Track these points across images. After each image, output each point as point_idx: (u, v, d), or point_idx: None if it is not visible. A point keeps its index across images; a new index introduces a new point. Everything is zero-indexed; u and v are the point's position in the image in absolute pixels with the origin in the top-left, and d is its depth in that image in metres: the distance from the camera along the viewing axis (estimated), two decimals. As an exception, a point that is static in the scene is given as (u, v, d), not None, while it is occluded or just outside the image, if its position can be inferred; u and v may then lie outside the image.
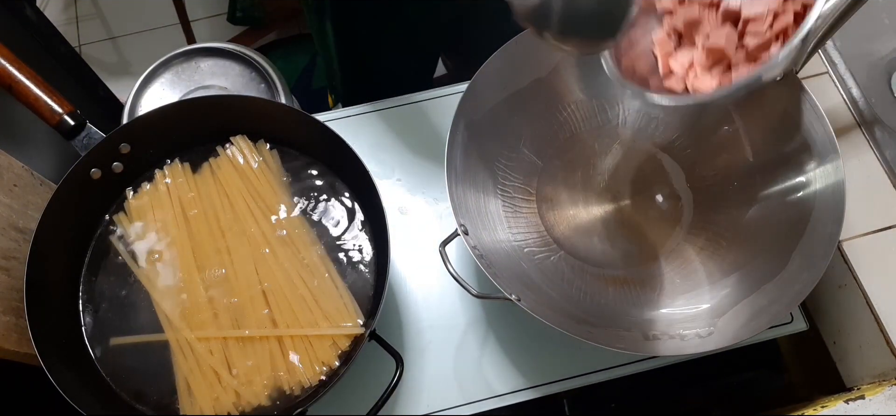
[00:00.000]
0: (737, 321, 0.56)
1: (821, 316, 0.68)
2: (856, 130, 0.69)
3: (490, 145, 0.66)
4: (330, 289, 0.60)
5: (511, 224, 0.65)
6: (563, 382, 0.64)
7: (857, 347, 0.63)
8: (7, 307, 0.57)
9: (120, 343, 0.59)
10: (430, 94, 0.78)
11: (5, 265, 0.59)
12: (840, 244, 0.63)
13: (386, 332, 0.59)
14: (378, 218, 0.59)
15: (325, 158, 0.66)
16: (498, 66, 0.63)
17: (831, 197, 0.56)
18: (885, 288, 0.61)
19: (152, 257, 0.62)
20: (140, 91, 0.82)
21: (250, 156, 0.65)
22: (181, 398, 0.57)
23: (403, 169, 0.74)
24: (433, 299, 0.68)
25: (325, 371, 0.57)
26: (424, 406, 0.63)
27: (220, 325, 0.59)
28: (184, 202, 0.64)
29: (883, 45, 0.74)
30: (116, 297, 0.61)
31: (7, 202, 0.61)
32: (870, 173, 0.67)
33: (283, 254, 0.62)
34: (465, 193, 0.61)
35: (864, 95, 0.70)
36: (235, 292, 0.60)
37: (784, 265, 0.57)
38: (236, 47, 0.85)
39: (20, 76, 0.60)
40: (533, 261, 0.64)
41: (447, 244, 0.56)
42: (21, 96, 0.60)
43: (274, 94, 0.81)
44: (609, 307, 0.62)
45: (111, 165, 0.63)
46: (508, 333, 0.66)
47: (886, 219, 0.64)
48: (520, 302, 0.53)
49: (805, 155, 0.59)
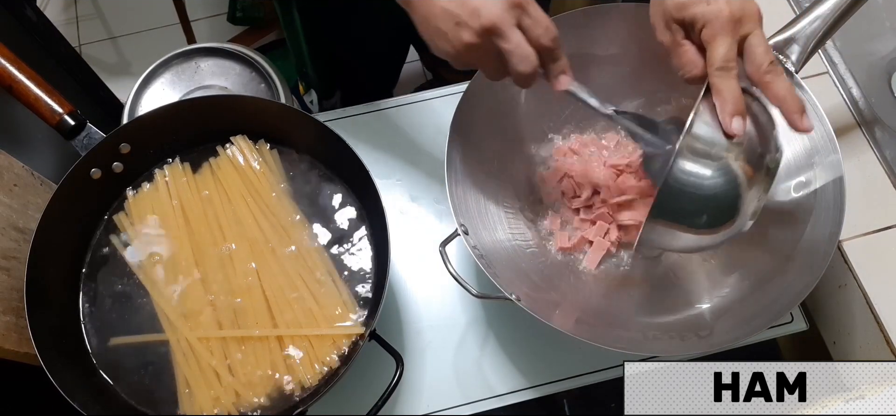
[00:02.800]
0: (737, 321, 0.56)
1: (821, 316, 0.68)
2: (856, 130, 0.69)
3: (490, 145, 0.66)
4: (330, 289, 0.60)
5: (511, 224, 0.65)
6: (563, 382, 0.64)
7: (857, 347, 0.63)
8: (7, 307, 0.57)
9: (120, 343, 0.59)
10: (431, 94, 0.78)
11: (5, 265, 0.59)
12: (840, 244, 0.63)
13: (386, 332, 0.59)
14: (378, 218, 0.59)
15: (325, 158, 0.66)
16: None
17: (831, 197, 0.56)
18: (885, 288, 0.61)
19: (152, 258, 0.62)
20: (140, 91, 0.82)
21: (250, 156, 0.65)
22: (181, 398, 0.57)
23: (403, 169, 0.74)
24: (433, 299, 0.68)
25: (325, 371, 0.57)
26: (424, 406, 0.63)
27: (220, 325, 0.59)
28: (184, 202, 0.64)
29: (883, 45, 0.74)
30: (116, 297, 0.61)
31: (7, 202, 0.61)
32: (870, 173, 0.67)
33: (283, 254, 0.62)
34: (465, 193, 0.61)
35: (864, 95, 0.70)
36: (235, 292, 0.60)
37: (784, 265, 0.57)
38: (236, 47, 0.84)
39: (20, 76, 0.60)
40: (533, 261, 0.64)
41: (447, 244, 0.56)
42: (21, 96, 0.60)
43: (274, 94, 0.81)
44: (609, 307, 0.62)
45: (111, 165, 0.63)
46: (508, 333, 0.66)
47: (886, 219, 0.64)
48: (520, 302, 0.53)
49: (805, 155, 0.59)
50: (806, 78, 0.72)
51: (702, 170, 0.48)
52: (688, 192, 0.49)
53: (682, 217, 0.51)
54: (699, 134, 0.49)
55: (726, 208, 0.50)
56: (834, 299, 0.65)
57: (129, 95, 0.82)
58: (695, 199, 0.49)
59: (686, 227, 0.51)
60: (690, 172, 0.49)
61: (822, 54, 0.73)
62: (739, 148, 0.49)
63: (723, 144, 0.48)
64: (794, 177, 0.60)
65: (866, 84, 0.71)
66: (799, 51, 0.54)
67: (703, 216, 0.50)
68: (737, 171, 0.49)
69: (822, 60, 0.73)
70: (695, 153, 0.49)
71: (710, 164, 0.48)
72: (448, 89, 0.78)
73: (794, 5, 0.76)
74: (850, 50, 0.73)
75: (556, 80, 0.51)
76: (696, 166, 0.49)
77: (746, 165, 0.49)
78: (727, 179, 0.49)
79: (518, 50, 0.48)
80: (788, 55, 0.55)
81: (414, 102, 0.78)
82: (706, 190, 0.49)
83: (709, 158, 0.49)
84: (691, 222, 0.51)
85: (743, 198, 0.49)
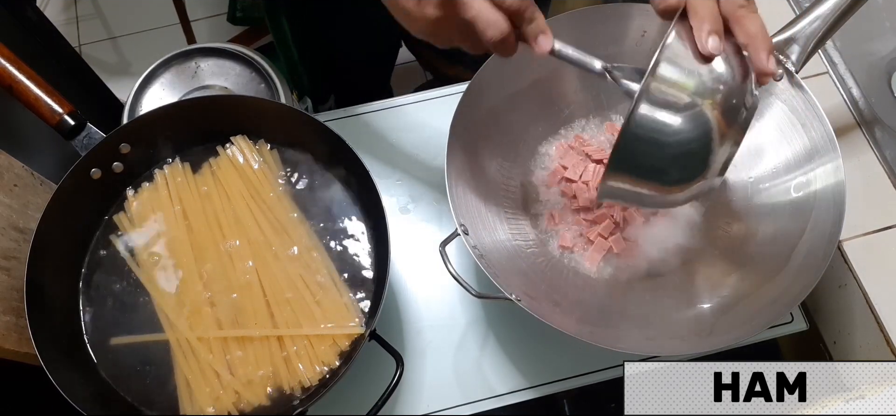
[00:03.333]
0: (737, 321, 0.56)
1: (821, 316, 0.68)
2: (856, 130, 0.69)
3: (490, 145, 0.66)
4: (330, 289, 0.60)
5: (511, 224, 0.65)
6: (563, 382, 0.64)
7: (857, 347, 0.63)
8: (7, 307, 0.57)
9: (120, 343, 0.59)
10: (431, 94, 0.78)
11: (5, 265, 0.59)
12: (840, 244, 0.63)
13: (386, 332, 0.59)
14: (378, 218, 0.59)
15: (326, 158, 0.66)
16: (497, 66, 0.63)
17: (831, 197, 0.56)
18: (885, 288, 0.61)
19: (152, 258, 0.62)
20: (140, 91, 0.82)
21: (250, 156, 0.65)
22: (181, 398, 0.57)
23: (403, 169, 0.74)
24: (433, 299, 0.68)
25: (325, 371, 0.57)
26: (424, 406, 0.63)
27: (220, 325, 0.59)
28: (184, 202, 0.64)
29: (883, 45, 0.73)
30: (116, 297, 0.61)
31: (7, 202, 0.61)
32: (870, 173, 0.67)
33: (284, 254, 0.62)
34: (465, 194, 0.61)
35: (864, 95, 0.70)
36: (235, 291, 0.60)
37: (784, 265, 0.57)
38: (236, 47, 0.84)
39: (20, 76, 0.60)
40: (533, 261, 0.64)
41: (447, 244, 0.56)
42: (21, 96, 0.60)
43: (274, 94, 0.81)
44: (609, 308, 0.62)
45: (111, 165, 0.63)
46: (508, 333, 0.66)
47: (886, 219, 0.64)
48: (520, 302, 0.53)
49: (805, 155, 0.59)
50: (806, 78, 0.72)
51: (670, 117, 0.43)
52: (653, 142, 0.44)
53: (645, 172, 0.46)
54: (666, 75, 0.44)
55: (696, 161, 0.45)
56: (834, 299, 0.65)
57: (129, 95, 0.82)
58: (660, 150, 0.44)
59: (650, 182, 0.47)
60: (656, 120, 0.43)
61: (822, 54, 0.73)
62: (712, 91, 0.44)
63: (694, 87, 0.43)
64: (795, 177, 0.60)
65: (866, 84, 0.71)
66: (799, 51, 0.54)
67: (670, 172, 0.46)
68: (709, 117, 0.44)
69: (822, 60, 0.73)
70: (662, 97, 0.43)
71: (679, 111, 0.43)
72: (448, 89, 0.78)
73: (794, 5, 0.76)
74: (850, 50, 0.73)
75: (535, 42, 0.48)
76: (664, 113, 0.43)
77: (719, 111, 0.44)
78: (697, 127, 0.44)
79: (482, 15, 0.45)
80: (788, 55, 0.55)
81: (414, 102, 0.78)
82: (672, 140, 0.44)
83: (677, 103, 0.43)
84: (656, 177, 0.47)
85: (714, 150, 0.45)
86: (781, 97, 0.61)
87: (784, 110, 0.61)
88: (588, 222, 0.65)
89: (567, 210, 0.66)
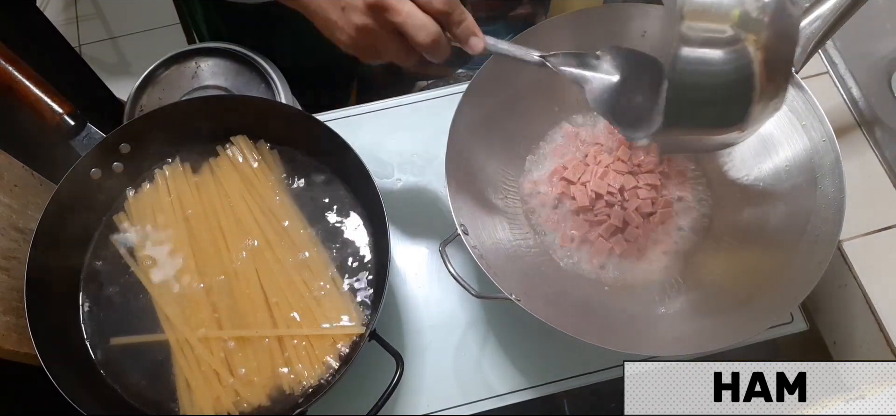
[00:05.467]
0: (737, 322, 0.56)
1: (821, 316, 0.68)
2: (856, 130, 0.69)
3: (490, 145, 0.66)
4: (330, 289, 0.60)
5: (511, 224, 0.65)
6: (563, 382, 0.64)
7: (857, 347, 0.63)
8: (7, 307, 0.57)
9: (120, 343, 0.59)
10: (430, 94, 0.78)
11: (5, 265, 0.59)
12: (840, 244, 0.63)
13: (386, 332, 0.59)
14: (378, 218, 0.59)
15: (325, 157, 0.66)
16: (497, 66, 0.63)
17: (831, 197, 0.56)
18: (885, 288, 0.61)
19: (152, 258, 0.62)
20: (140, 91, 0.82)
21: (250, 156, 0.66)
22: (181, 398, 0.57)
23: (403, 169, 0.74)
24: (433, 299, 0.68)
25: (326, 371, 0.57)
26: (424, 406, 0.63)
27: (220, 325, 0.59)
28: (184, 202, 0.64)
29: (883, 45, 0.73)
30: (116, 297, 0.61)
31: (7, 202, 0.61)
32: (870, 173, 0.67)
33: (283, 254, 0.62)
34: (465, 194, 0.61)
35: (864, 95, 0.70)
36: (235, 291, 0.60)
37: (784, 266, 0.57)
38: (236, 47, 0.84)
39: (20, 76, 0.60)
40: (533, 261, 0.64)
41: (447, 244, 0.56)
42: (21, 96, 0.60)
43: (274, 94, 0.81)
44: (609, 308, 0.62)
45: (111, 166, 0.63)
46: (508, 333, 0.66)
47: (886, 219, 0.64)
48: (520, 302, 0.53)
49: (805, 155, 0.59)
50: (806, 78, 0.72)
51: (711, 52, 0.41)
52: (700, 83, 0.42)
53: (698, 117, 0.45)
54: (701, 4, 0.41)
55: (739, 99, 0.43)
56: (834, 299, 0.65)
57: (129, 95, 0.82)
58: (707, 90, 0.43)
59: (704, 127, 0.46)
60: (698, 60, 0.42)
61: (822, 54, 0.73)
62: (758, 24, 0.41)
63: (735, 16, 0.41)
64: (794, 177, 0.60)
65: (866, 84, 0.71)
66: (799, 51, 0.54)
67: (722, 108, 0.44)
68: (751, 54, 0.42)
69: (822, 60, 0.73)
70: (698, 35, 0.42)
71: (719, 44, 0.41)
72: (448, 89, 0.78)
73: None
74: (850, 50, 0.73)
75: (467, 44, 0.48)
76: (704, 50, 0.42)
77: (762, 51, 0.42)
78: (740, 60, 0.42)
79: (410, 19, 0.44)
80: (788, 55, 0.54)
81: (414, 102, 0.78)
82: (718, 76, 0.42)
83: (718, 38, 0.42)
84: (710, 120, 0.45)
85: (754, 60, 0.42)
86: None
87: (784, 110, 0.61)
88: (588, 223, 0.65)
89: (567, 210, 0.66)
